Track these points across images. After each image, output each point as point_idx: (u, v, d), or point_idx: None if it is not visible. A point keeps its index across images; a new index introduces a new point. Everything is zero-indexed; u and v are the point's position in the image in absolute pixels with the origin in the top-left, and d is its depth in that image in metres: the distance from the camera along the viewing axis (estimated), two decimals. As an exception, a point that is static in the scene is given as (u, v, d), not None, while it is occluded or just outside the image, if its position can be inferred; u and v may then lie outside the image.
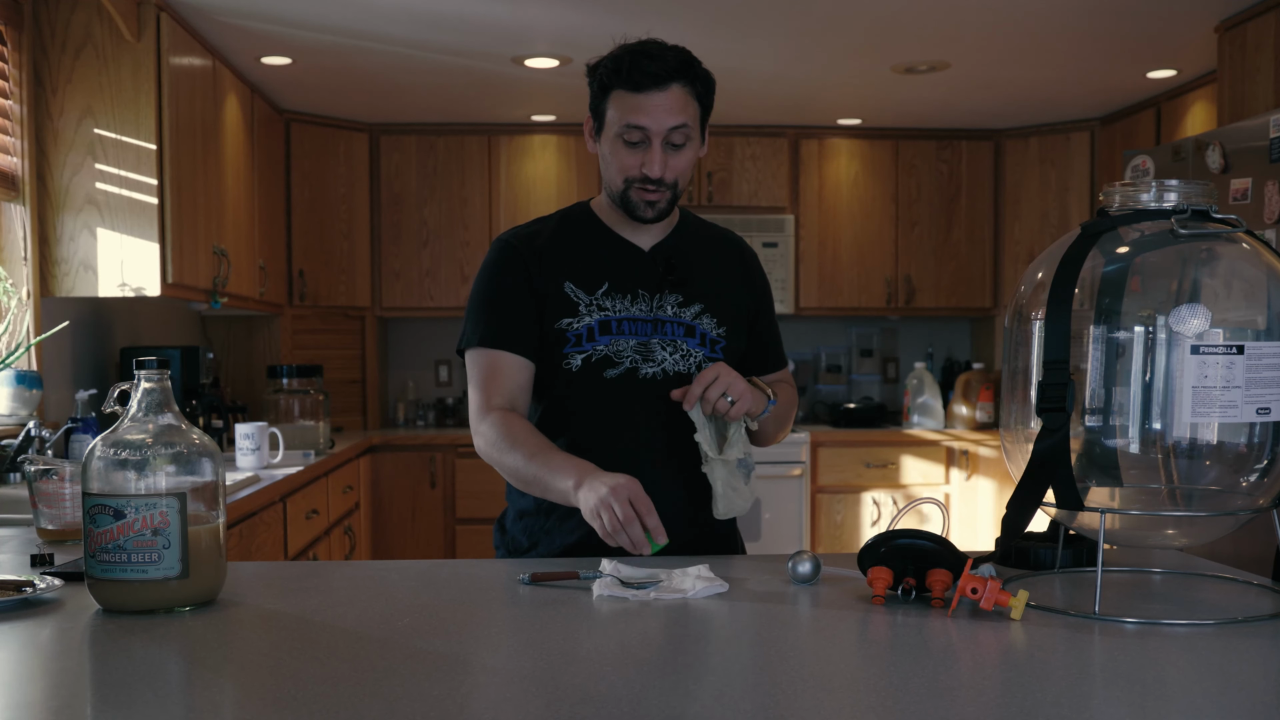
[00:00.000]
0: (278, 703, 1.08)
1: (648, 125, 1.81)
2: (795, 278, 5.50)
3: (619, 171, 1.86)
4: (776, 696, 1.10)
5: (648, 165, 1.82)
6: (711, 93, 1.89)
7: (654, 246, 1.95)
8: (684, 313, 1.91)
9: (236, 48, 4.09)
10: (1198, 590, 1.57)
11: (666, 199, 1.87)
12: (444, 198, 5.39)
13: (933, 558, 1.46)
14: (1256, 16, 3.60)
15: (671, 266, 1.93)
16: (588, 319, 1.88)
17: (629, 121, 1.81)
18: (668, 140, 1.82)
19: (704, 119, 1.89)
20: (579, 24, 3.84)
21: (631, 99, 1.81)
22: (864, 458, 5.33)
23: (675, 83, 1.81)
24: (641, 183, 1.84)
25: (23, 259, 3.29)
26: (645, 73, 1.80)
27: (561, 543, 1.87)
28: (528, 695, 1.10)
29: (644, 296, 1.90)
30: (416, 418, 5.66)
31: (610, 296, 1.89)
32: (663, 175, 1.83)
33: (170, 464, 1.42)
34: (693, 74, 1.83)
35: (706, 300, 1.93)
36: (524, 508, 1.94)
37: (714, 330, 1.92)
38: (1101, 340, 1.45)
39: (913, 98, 4.96)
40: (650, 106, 1.80)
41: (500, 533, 1.99)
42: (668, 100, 1.80)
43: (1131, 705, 1.09)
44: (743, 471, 1.84)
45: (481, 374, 1.89)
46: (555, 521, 1.89)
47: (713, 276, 1.97)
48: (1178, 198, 1.47)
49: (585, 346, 1.87)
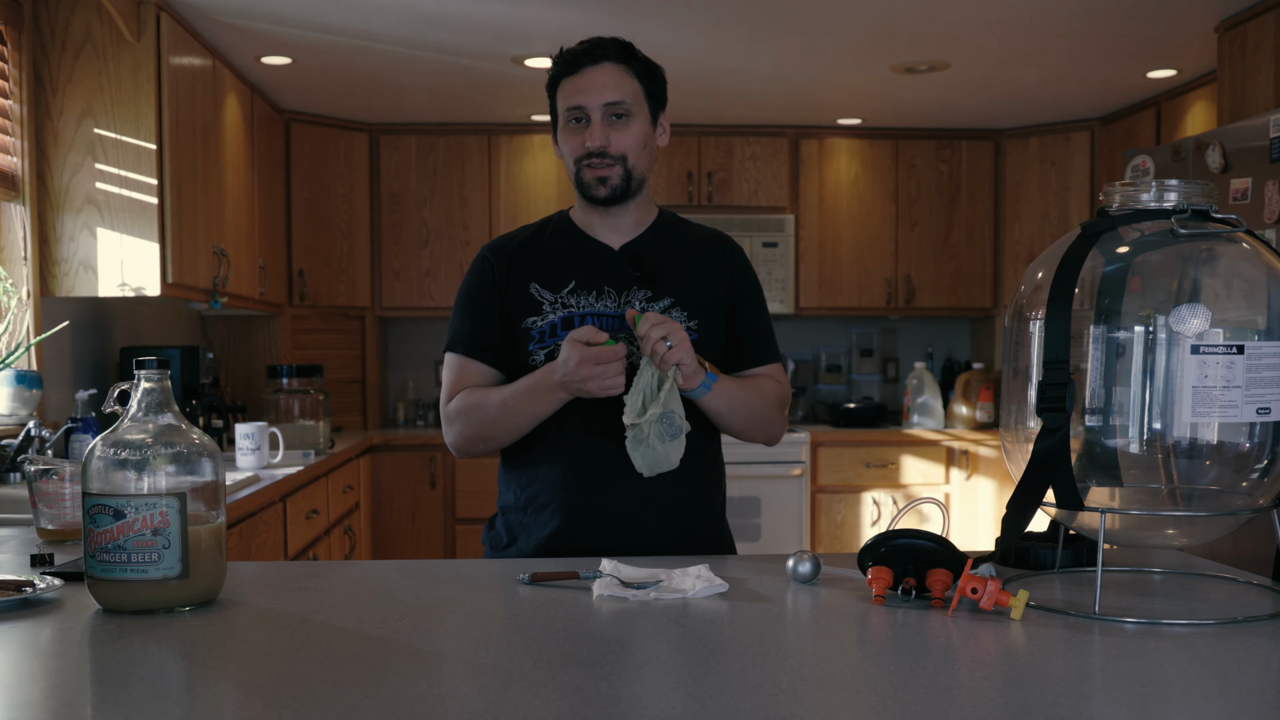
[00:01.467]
0: (278, 703, 1.08)
1: (584, 102, 1.89)
2: (795, 278, 5.50)
3: (570, 155, 1.93)
4: (776, 696, 1.10)
5: (590, 138, 1.89)
6: (655, 78, 1.96)
7: (624, 245, 1.97)
8: (652, 308, 1.92)
9: (236, 48, 4.09)
10: (1198, 590, 1.57)
11: (618, 174, 1.91)
12: (444, 198, 5.39)
13: (933, 558, 1.46)
14: (1256, 16, 3.60)
15: (638, 262, 1.95)
16: (551, 316, 1.92)
17: (569, 104, 1.91)
18: (609, 114, 1.89)
19: (652, 103, 1.95)
20: (579, 24, 3.83)
21: (570, 83, 1.91)
22: (864, 458, 5.33)
23: (609, 61, 1.91)
24: (587, 159, 1.90)
25: (23, 259, 3.29)
26: (580, 54, 1.91)
27: (539, 535, 1.91)
28: (527, 695, 1.10)
29: (610, 293, 1.93)
30: (416, 418, 5.66)
31: (575, 294, 1.93)
32: (605, 146, 1.89)
33: (170, 464, 1.42)
34: (628, 54, 1.93)
35: (675, 294, 1.93)
36: (505, 504, 1.99)
37: (684, 324, 1.92)
38: (1101, 340, 1.45)
39: (913, 98, 4.96)
40: (585, 85, 1.90)
41: (488, 529, 2.03)
42: (601, 76, 1.89)
43: (1131, 705, 1.09)
44: (665, 428, 1.79)
45: (453, 378, 1.98)
46: (531, 515, 1.92)
47: (686, 271, 1.97)
48: (1178, 198, 1.47)
49: (548, 342, 1.91)
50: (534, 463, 1.93)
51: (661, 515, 1.89)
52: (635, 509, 1.87)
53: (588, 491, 1.88)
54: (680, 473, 1.85)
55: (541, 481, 1.91)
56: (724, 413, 1.91)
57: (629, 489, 1.86)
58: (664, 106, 1.98)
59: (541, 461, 1.92)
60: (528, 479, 1.94)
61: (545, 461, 1.91)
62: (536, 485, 1.92)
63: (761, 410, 1.96)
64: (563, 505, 1.88)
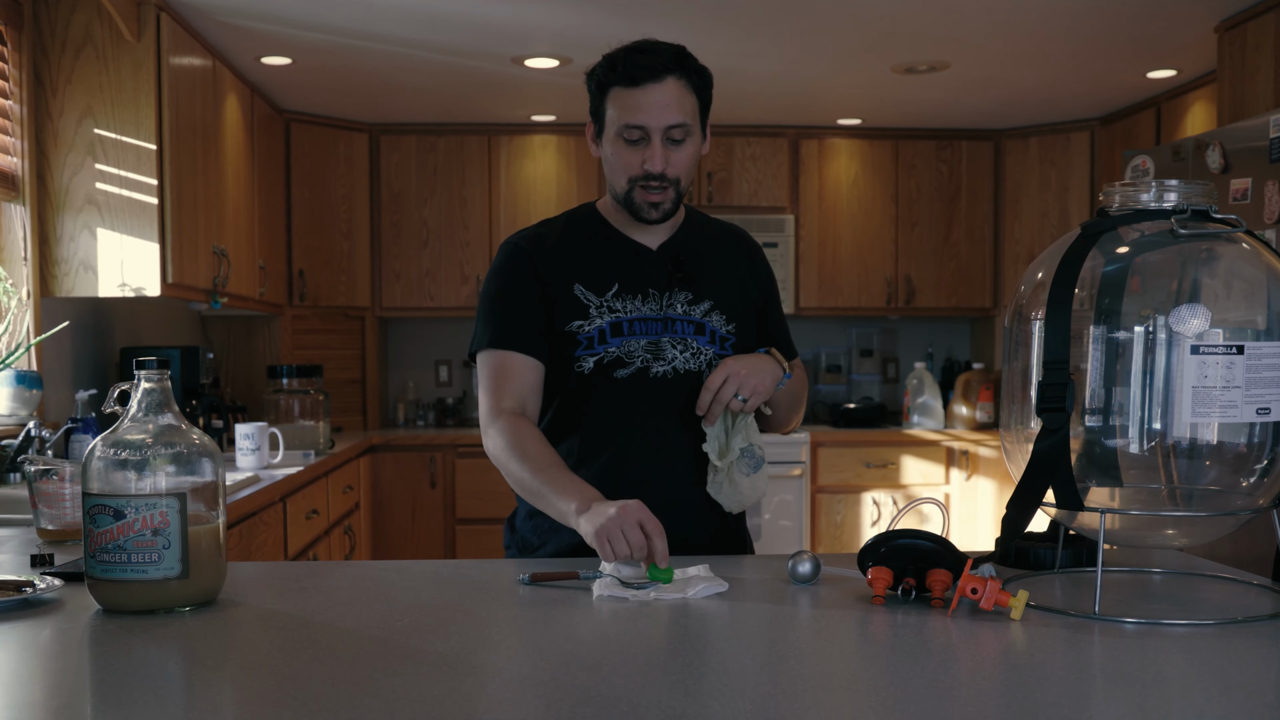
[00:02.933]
0: (278, 703, 1.08)
1: (646, 122, 1.81)
2: (795, 278, 5.50)
3: (622, 171, 1.85)
4: (776, 696, 1.10)
5: (649, 161, 1.82)
6: (709, 87, 1.89)
7: (661, 245, 1.95)
8: (693, 310, 1.91)
9: (236, 48, 4.09)
10: (1198, 590, 1.57)
11: (670, 198, 1.86)
12: (444, 198, 5.39)
13: (933, 558, 1.46)
14: (1256, 16, 3.60)
15: (680, 264, 1.93)
16: (599, 321, 1.88)
17: (628, 121, 1.81)
18: (667, 136, 1.82)
19: (704, 115, 1.89)
20: (579, 24, 3.84)
21: (629, 95, 1.81)
22: (864, 458, 5.33)
23: (671, 75, 1.81)
24: (644, 180, 1.84)
25: (23, 259, 3.29)
26: (640, 67, 1.80)
27: (570, 539, 1.85)
28: (528, 695, 1.10)
29: (654, 296, 1.91)
30: (416, 418, 5.66)
31: (620, 298, 1.89)
32: (664, 170, 1.83)
33: (170, 464, 1.42)
34: (688, 67, 1.84)
35: (715, 297, 1.94)
36: (533, 507, 1.92)
37: (723, 328, 1.93)
38: (1101, 340, 1.45)
39: (913, 98, 4.96)
40: (648, 103, 1.80)
41: (510, 531, 2.00)
42: (664, 94, 1.80)
43: (1131, 705, 1.09)
44: (748, 462, 1.83)
45: (492, 375, 1.89)
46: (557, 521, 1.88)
47: (720, 272, 1.97)
48: (1178, 198, 1.47)
49: (597, 349, 1.87)
50: None
51: (693, 517, 1.87)
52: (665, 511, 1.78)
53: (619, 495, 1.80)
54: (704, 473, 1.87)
55: None
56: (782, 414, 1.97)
57: (658, 493, 1.78)
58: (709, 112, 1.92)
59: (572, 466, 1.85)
60: None
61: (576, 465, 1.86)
62: None
63: (802, 400, 2.04)
64: None
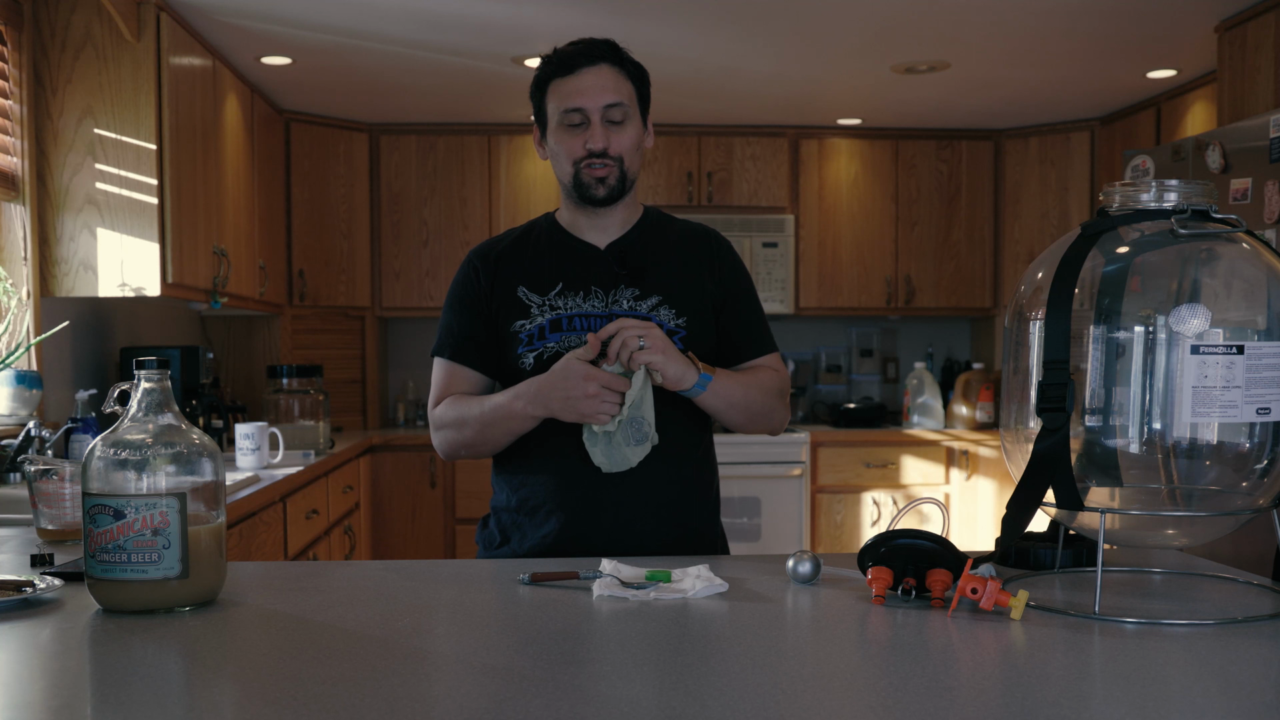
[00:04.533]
0: (278, 703, 1.08)
1: (584, 104, 1.89)
2: (795, 278, 5.50)
3: (566, 157, 1.93)
4: (776, 696, 1.10)
5: (591, 140, 1.89)
6: (645, 82, 1.97)
7: (610, 244, 1.98)
8: (640, 306, 1.92)
9: (236, 48, 4.09)
10: (1198, 590, 1.57)
11: (615, 175, 1.91)
12: (444, 198, 5.39)
13: (933, 558, 1.45)
14: (1256, 16, 3.60)
15: (624, 260, 1.95)
16: (539, 319, 1.92)
17: (566, 105, 1.90)
18: (606, 117, 1.89)
19: (643, 106, 1.96)
20: (579, 24, 3.83)
21: (565, 83, 1.91)
22: (864, 458, 5.33)
23: (605, 62, 1.91)
24: (587, 160, 1.90)
25: (23, 259, 3.29)
26: (575, 54, 1.91)
27: (535, 536, 1.91)
28: (528, 695, 1.10)
29: (598, 293, 1.93)
30: (416, 418, 5.66)
31: (563, 296, 1.93)
32: (605, 147, 1.89)
33: (170, 464, 1.42)
34: (622, 57, 1.94)
35: (664, 291, 1.94)
36: (498, 505, 1.99)
37: (672, 321, 1.92)
38: (1101, 340, 1.45)
39: (913, 98, 4.96)
40: (584, 86, 1.90)
41: (482, 528, 2.03)
42: (599, 77, 1.90)
43: (1131, 705, 1.09)
44: (633, 432, 1.80)
45: (439, 383, 1.99)
46: (525, 517, 1.92)
47: (673, 268, 1.97)
48: (1178, 198, 1.47)
49: (536, 345, 1.91)
50: (528, 465, 1.92)
51: (658, 516, 1.89)
52: (631, 510, 1.87)
53: (583, 493, 1.87)
54: (674, 472, 1.88)
55: (536, 483, 1.91)
56: (723, 410, 1.91)
57: (624, 490, 1.86)
58: (649, 108, 2.00)
59: (535, 464, 1.91)
60: (519, 481, 1.93)
61: (539, 463, 1.91)
62: (530, 487, 1.92)
63: (763, 402, 1.95)
64: (558, 507, 1.88)
